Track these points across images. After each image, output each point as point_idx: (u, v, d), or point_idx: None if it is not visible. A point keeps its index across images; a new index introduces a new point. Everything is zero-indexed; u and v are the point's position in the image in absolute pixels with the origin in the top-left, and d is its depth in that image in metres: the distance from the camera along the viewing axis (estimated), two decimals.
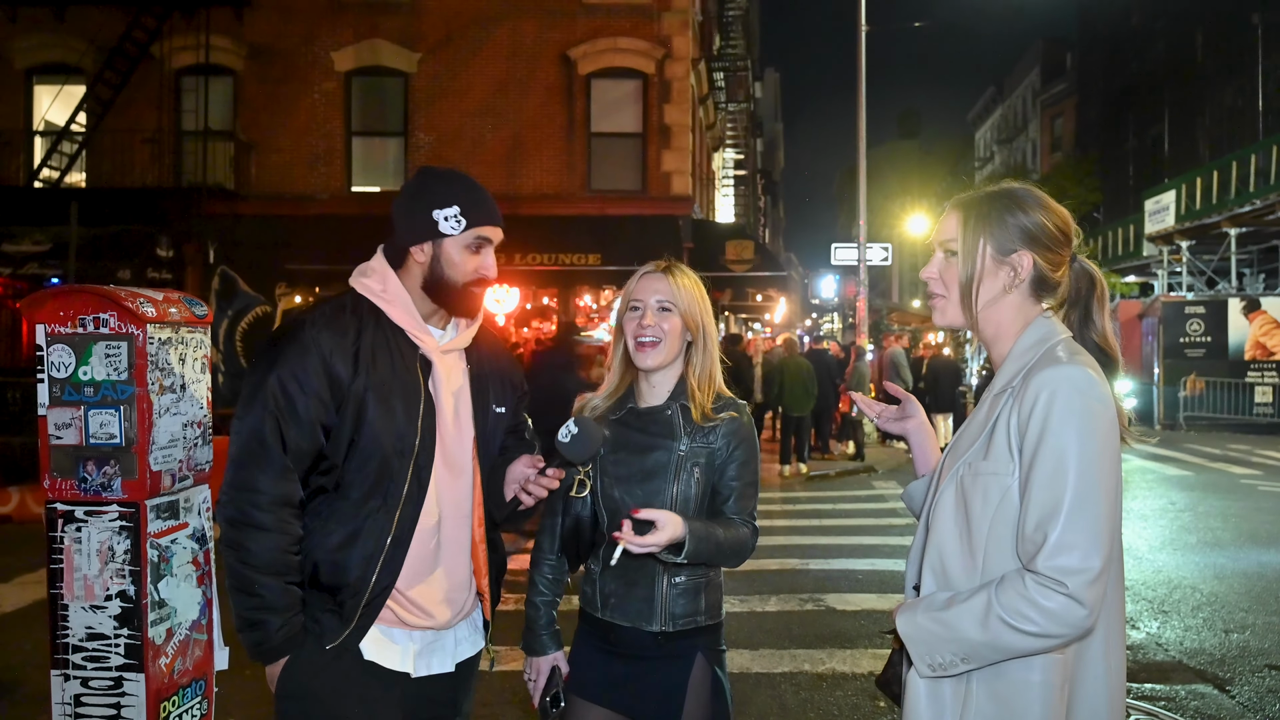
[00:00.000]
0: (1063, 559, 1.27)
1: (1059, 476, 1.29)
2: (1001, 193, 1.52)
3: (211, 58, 14.24)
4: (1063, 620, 1.26)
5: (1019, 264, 1.47)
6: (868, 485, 10.88)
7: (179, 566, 2.20)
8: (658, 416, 1.93)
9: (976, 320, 1.50)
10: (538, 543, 2.07)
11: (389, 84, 14.95)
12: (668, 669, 1.88)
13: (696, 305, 1.93)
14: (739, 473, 1.91)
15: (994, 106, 48.72)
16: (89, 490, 2.10)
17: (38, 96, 14.97)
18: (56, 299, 2.13)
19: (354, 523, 1.77)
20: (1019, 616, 1.27)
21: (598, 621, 1.94)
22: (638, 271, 1.99)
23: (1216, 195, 18.41)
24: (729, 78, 20.57)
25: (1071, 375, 1.34)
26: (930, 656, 1.37)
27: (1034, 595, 1.27)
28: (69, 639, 2.11)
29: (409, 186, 1.88)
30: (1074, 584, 1.25)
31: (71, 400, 2.10)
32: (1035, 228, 1.47)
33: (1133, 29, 30.37)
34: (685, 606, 1.88)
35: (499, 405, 1.97)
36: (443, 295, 1.84)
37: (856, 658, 4.72)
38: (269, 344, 1.80)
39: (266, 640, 1.73)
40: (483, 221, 1.85)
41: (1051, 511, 1.28)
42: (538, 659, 2.01)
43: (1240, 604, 5.65)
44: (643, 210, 14.52)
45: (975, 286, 1.48)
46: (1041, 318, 1.49)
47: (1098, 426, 1.31)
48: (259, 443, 1.72)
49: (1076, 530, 1.27)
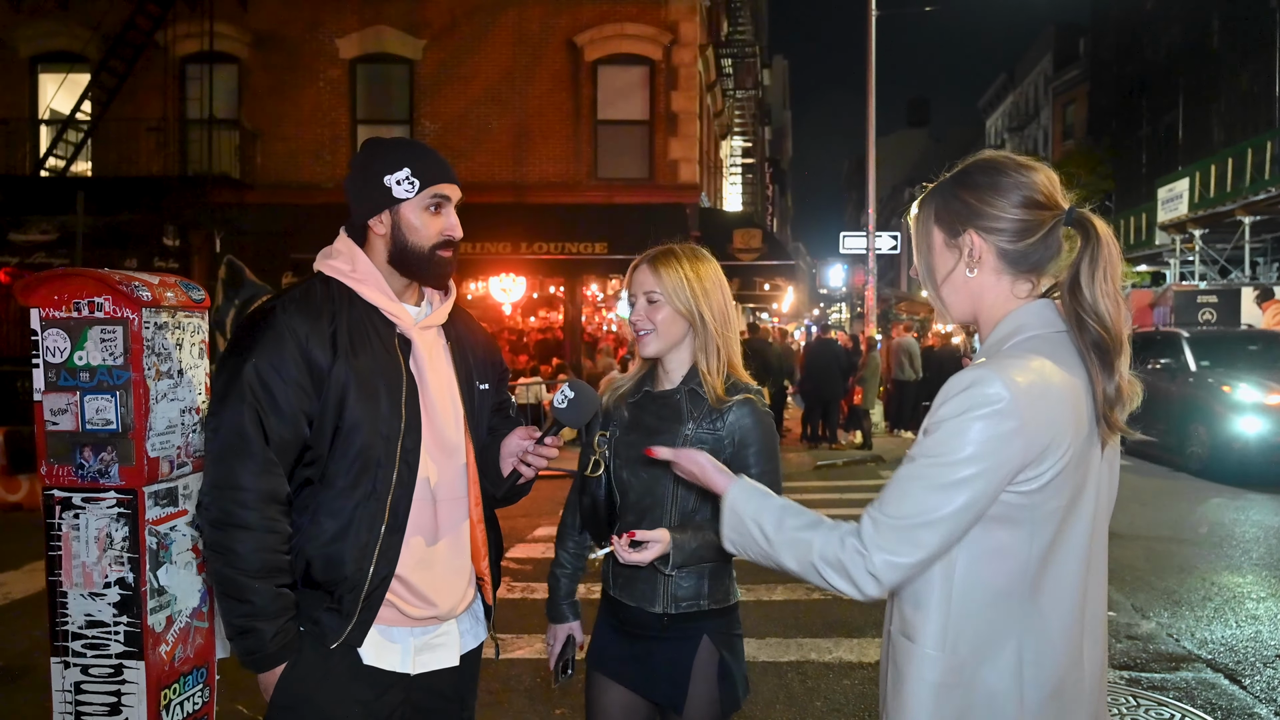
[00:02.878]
0: (878, 542, 1.25)
1: (907, 473, 1.25)
2: (952, 174, 1.40)
3: (216, 45, 14.20)
4: (857, 586, 1.26)
5: (966, 244, 1.34)
6: (875, 475, 10.84)
7: (178, 554, 2.17)
8: (668, 400, 1.94)
9: (949, 309, 1.41)
10: (563, 518, 2.13)
11: (394, 71, 14.88)
12: (674, 650, 1.89)
13: (687, 291, 1.91)
14: (756, 460, 1.88)
15: (1005, 94, 48.28)
16: (86, 477, 2.07)
17: (43, 85, 14.96)
18: (50, 283, 2.09)
19: (345, 514, 1.70)
20: (827, 566, 1.28)
21: (611, 599, 1.99)
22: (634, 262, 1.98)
23: (1231, 183, 18.20)
24: (737, 64, 20.43)
25: (976, 378, 1.22)
26: (739, 542, 1.41)
27: (848, 564, 1.26)
28: (68, 626, 2.09)
29: (356, 160, 1.81)
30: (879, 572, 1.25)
31: (67, 385, 2.07)
32: (981, 202, 1.32)
33: (1147, 14, 30.01)
34: (689, 590, 1.89)
35: (483, 382, 1.93)
36: (411, 264, 1.78)
37: (864, 647, 4.69)
38: (240, 333, 1.71)
39: (260, 648, 1.65)
40: (436, 179, 1.78)
41: (888, 498, 1.26)
42: (556, 626, 2.09)
43: (1253, 593, 5.59)
44: (650, 198, 14.44)
45: (935, 278, 1.40)
46: (1021, 308, 1.33)
47: (971, 431, 1.19)
48: (239, 437, 1.63)
49: (897, 524, 1.23)
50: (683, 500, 1.88)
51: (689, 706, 1.86)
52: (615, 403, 2.00)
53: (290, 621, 1.68)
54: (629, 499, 1.92)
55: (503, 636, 1.84)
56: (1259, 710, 3.90)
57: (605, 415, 2.00)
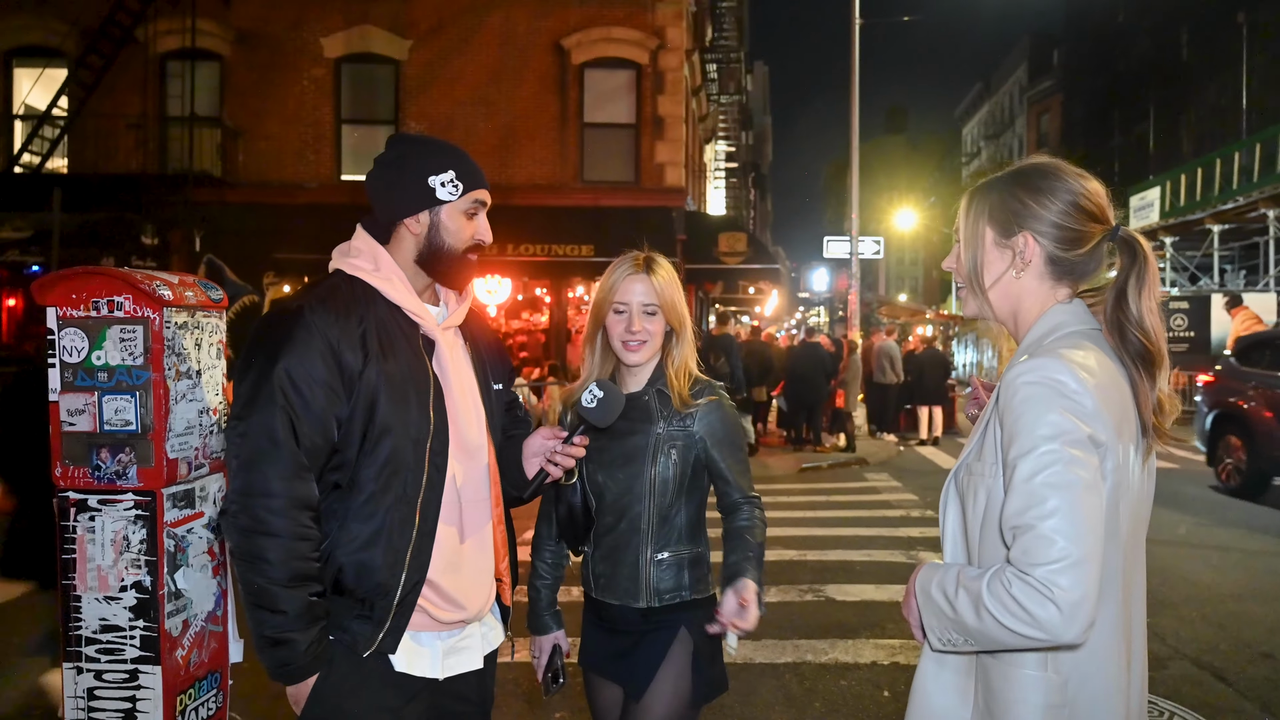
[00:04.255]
0: (1035, 554, 1.19)
1: (1027, 474, 1.22)
2: (1008, 172, 1.43)
3: (198, 42, 14.00)
4: (1039, 619, 1.17)
5: (1020, 245, 1.37)
6: (860, 477, 10.91)
7: (195, 557, 2.15)
8: (636, 402, 1.98)
9: (993, 309, 1.43)
10: (537, 530, 2.14)
11: (379, 71, 14.78)
12: (653, 642, 1.95)
13: (676, 299, 1.99)
14: (728, 453, 1.98)
15: (981, 102, 48.91)
16: (103, 478, 2.05)
17: (17, 80, 14.68)
18: (69, 281, 2.06)
19: (375, 519, 1.67)
20: (1001, 608, 1.21)
21: (593, 601, 2.04)
22: (617, 265, 2.00)
23: (1200, 192, 18.58)
24: (721, 70, 20.51)
25: (1039, 365, 1.25)
26: (941, 632, 1.33)
27: (1014, 590, 1.20)
28: (81, 631, 2.06)
29: (387, 157, 1.79)
30: (1046, 578, 1.18)
31: (85, 386, 2.04)
32: (1038, 204, 1.35)
33: (1119, 26, 30.56)
34: (670, 582, 1.95)
35: (497, 381, 1.92)
36: (440, 265, 1.77)
37: (859, 648, 4.73)
38: (265, 333, 1.66)
39: (293, 660, 1.60)
40: (478, 184, 1.79)
41: (1021, 509, 1.22)
42: (540, 638, 2.12)
43: (1236, 594, 5.70)
44: (635, 201, 14.46)
45: (979, 273, 1.41)
46: (1059, 305, 1.37)
47: (1060, 419, 1.22)
48: (270, 440, 1.59)
49: (1048, 525, 1.19)
50: (660, 496, 1.94)
51: (649, 695, 1.89)
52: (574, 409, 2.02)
53: (322, 631, 1.64)
54: (605, 500, 1.97)
55: None
56: (1245, 707, 3.98)
57: (571, 425, 2.01)
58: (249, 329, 1.74)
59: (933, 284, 55.63)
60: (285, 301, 1.73)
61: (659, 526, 1.94)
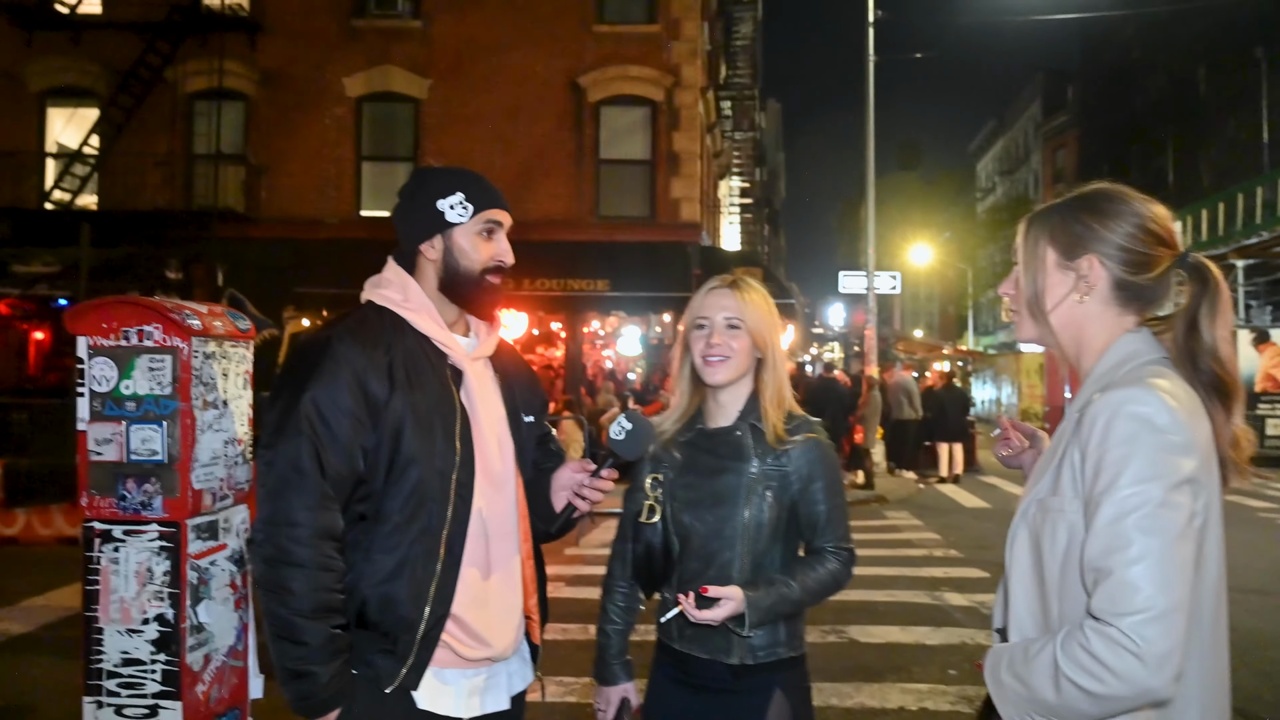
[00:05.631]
0: (1120, 603, 1.11)
1: (1113, 516, 1.16)
2: (1072, 196, 1.39)
3: (224, 82, 14.34)
4: (1124, 675, 1.09)
5: (1084, 269, 1.32)
6: (879, 515, 10.77)
7: (217, 589, 2.12)
8: (727, 438, 1.85)
9: (1054, 335, 1.38)
10: (610, 569, 2.00)
11: (399, 110, 15.05)
12: (745, 705, 1.78)
13: (765, 321, 1.85)
14: (824, 497, 1.82)
15: (995, 138, 49.12)
16: (128, 509, 2.04)
17: (51, 119, 15.05)
18: (99, 310, 2.07)
19: (399, 550, 1.64)
20: (1081, 672, 1.13)
21: (673, 651, 1.86)
22: (704, 286, 1.92)
23: (1223, 228, 18.48)
24: (735, 106, 20.76)
25: (1130, 397, 1.19)
26: (1020, 718, 1.23)
27: (1093, 646, 1.11)
28: (103, 664, 2.03)
29: (406, 188, 1.81)
30: (1132, 630, 1.10)
31: (113, 415, 2.04)
32: (1103, 226, 1.31)
33: (1135, 62, 30.70)
34: (765, 638, 1.79)
35: (527, 414, 1.89)
36: (461, 290, 1.76)
37: (885, 692, 4.61)
38: (294, 362, 1.67)
39: (315, 693, 1.58)
40: (489, 204, 1.78)
41: (1105, 552, 1.15)
42: (608, 689, 1.94)
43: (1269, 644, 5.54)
44: (651, 237, 14.54)
45: (1040, 298, 1.36)
46: (1131, 334, 1.31)
47: (1155, 456, 1.16)
48: (296, 470, 1.58)
49: (1133, 572, 1.12)
50: (754, 541, 1.80)
51: None
52: (664, 444, 1.91)
53: (345, 664, 1.62)
54: (691, 545, 1.83)
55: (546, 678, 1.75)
56: None
57: (654, 458, 1.91)
58: (269, 362, 1.74)
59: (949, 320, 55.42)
60: (314, 332, 1.74)
61: (751, 575, 1.78)
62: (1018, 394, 25.65)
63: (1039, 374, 23.54)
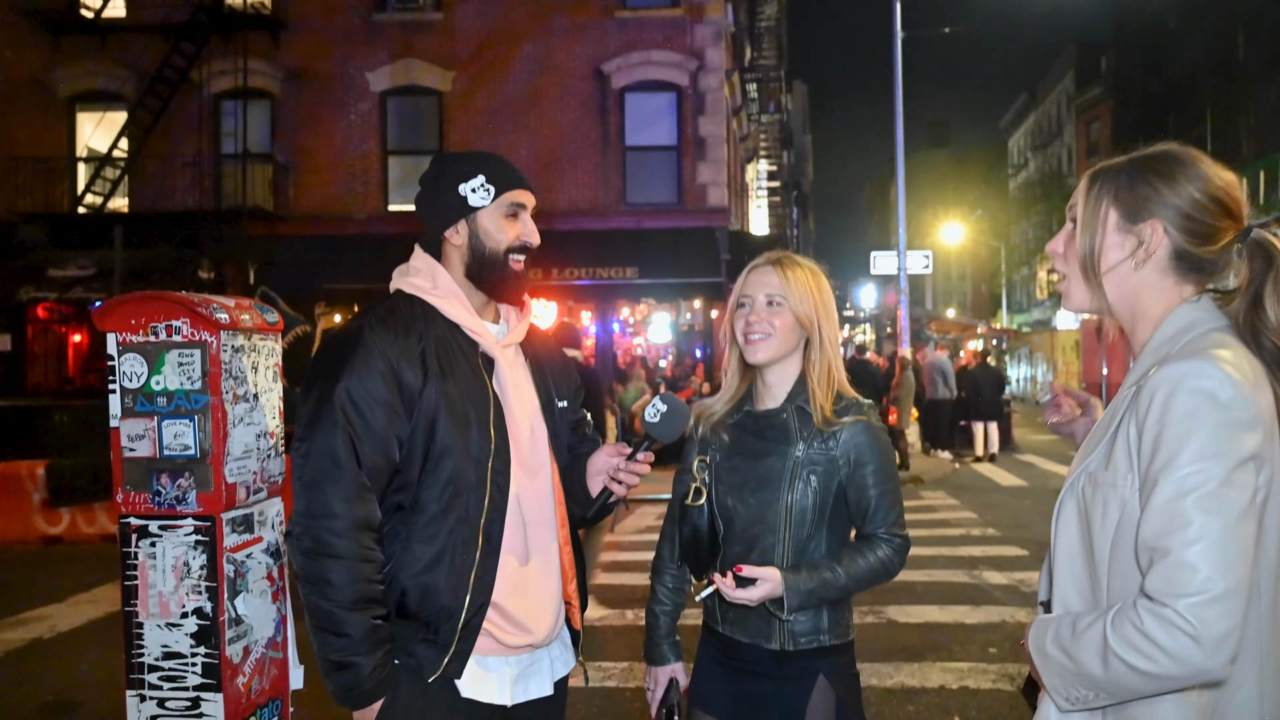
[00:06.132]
0: (1177, 584, 1.08)
1: (1171, 494, 1.11)
2: (1140, 156, 1.32)
3: (249, 81, 14.45)
4: (1178, 656, 1.07)
5: (1146, 234, 1.26)
6: (915, 495, 10.64)
7: (254, 582, 2.12)
8: (774, 420, 1.81)
9: (1107, 303, 1.31)
10: (659, 551, 1.99)
11: (423, 103, 15.07)
12: (787, 690, 1.75)
13: (811, 299, 1.79)
14: (874, 481, 1.76)
15: (1027, 113, 48.12)
16: (163, 504, 2.03)
17: (80, 124, 15.29)
18: (127, 305, 2.07)
19: (438, 540, 1.64)
20: (1132, 651, 1.10)
21: (718, 634, 1.85)
22: (749, 264, 1.87)
23: (1264, 196, 17.93)
24: (761, 89, 20.52)
25: (1191, 370, 1.14)
26: (1065, 690, 1.20)
27: (1147, 626, 1.09)
28: (144, 658, 2.04)
29: (427, 175, 1.79)
30: (1189, 612, 1.07)
31: (144, 411, 2.04)
32: (1171, 192, 1.25)
33: (1170, 30, 29.87)
34: (807, 624, 1.75)
35: (561, 399, 1.87)
36: (486, 274, 1.74)
37: (925, 671, 4.55)
38: (327, 354, 1.66)
39: (358, 684, 1.58)
40: (512, 185, 1.75)
41: (1162, 531, 1.10)
42: (657, 669, 1.93)
43: None
44: (679, 223, 14.45)
45: (1095, 260, 1.29)
46: (1188, 304, 1.26)
47: (1217, 433, 1.11)
48: (332, 462, 1.58)
49: (1192, 552, 1.08)
50: (797, 527, 1.75)
51: None
52: (712, 427, 1.88)
53: (387, 655, 1.61)
54: (735, 528, 1.80)
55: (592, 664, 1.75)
56: None
57: (702, 440, 1.88)
58: (301, 359, 1.74)
59: (981, 298, 54.61)
60: (346, 322, 1.73)
61: (794, 560, 1.74)
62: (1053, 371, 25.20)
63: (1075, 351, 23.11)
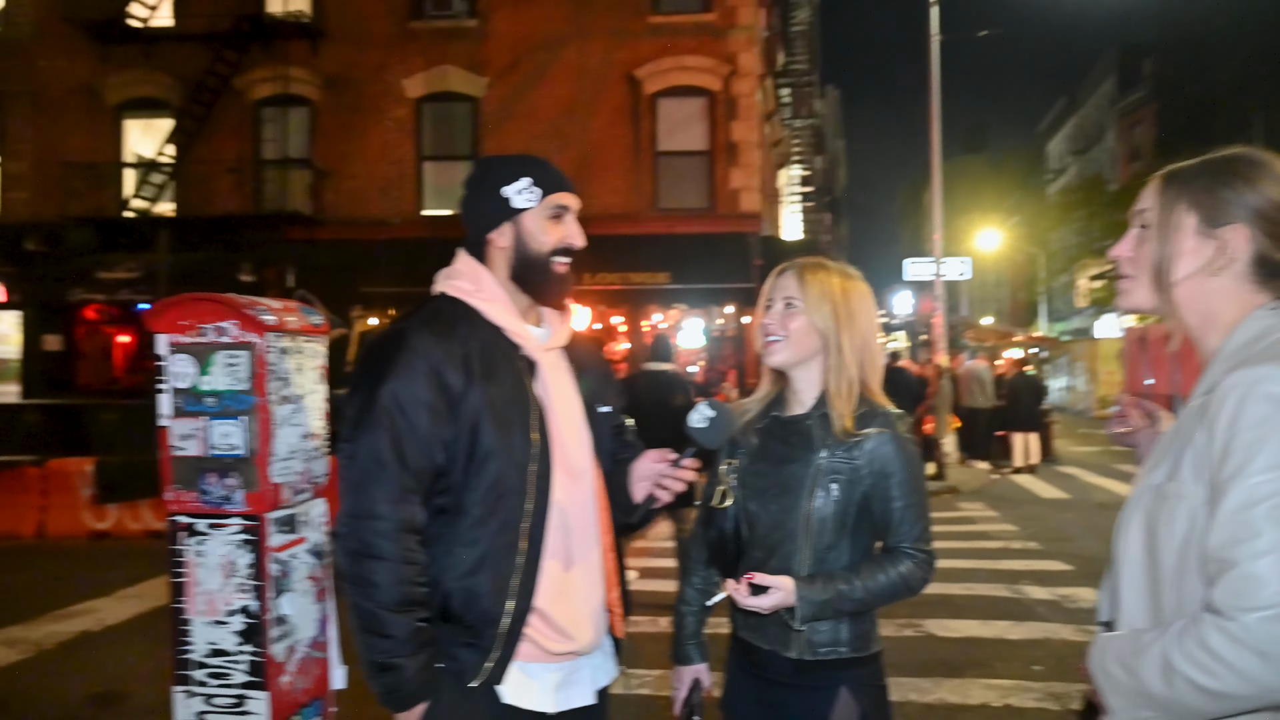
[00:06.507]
0: (1244, 597, 1.03)
1: (1241, 503, 1.06)
2: (1215, 159, 1.27)
3: (289, 88, 14.73)
4: (1244, 673, 1.02)
5: (1229, 239, 1.21)
6: (953, 506, 10.48)
7: (298, 581, 2.14)
8: (799, 426, 1.79)
9: (1175, 306, 1.26)
10: (690, 552, 1.98)
11: (458, 109, 15.23)
12: (809, 701, 1.73)
13: (829, 305, 1.77)
14: (899, 492, 1.72)
15: (1066, 117, 47.32)
16: (211, 503, 2.07)
17: (128, 130, 15.68)
18: (177, 307, 2.11)
19: (481, 544, 1.63)
20: (1196, 667, 1.05)
21: (741, 641, 1.85)
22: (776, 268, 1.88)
23: None
24: (794, 93, 20.43)
25: (1266, 375, 1.09)
26: (1128, 712, 1.15)
27: (1212, 641, 1.03)
28: (191, 654, 2.07)
29: (471, 179, 1.79)
30: (1257, 627, 1.02)
31: (193, 411, 2.07)
32: (1255, 197, 1.20)
33: (1216, 30, 29.24)
34: (826, 635, 1.73)
35: (602, 404, 1.86)
36: (530, 276, 1.74)
37: (966, 687, 4.46)
38: (372, 355, 1.67)
39: (401, 686, 1.58)
40: (557, 188, 1.76)
41: (1229, 542, 1.06)
42: (681, 669, 1.92)
43: None
44: (711, 228, 14.42)
45: (1168, 265, 1.24)
46: (1264, 309, 1.21)
47: None
48: (377, 464, 1.58)
49: (1261, 564, 1.03)
50: (817, 535, 1.73)
51: None
52: (743, 429, 1.87)
53: (430, 657, 1.61)
54: (757, 533, 1.78)
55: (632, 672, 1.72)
56: None
57: (732, 443, 1.86)
58: (338, 361, 1.74)
59: (1019, 306, 53.74)
60: (390, 324, 1.73)
61: (814, 569, 1.71)
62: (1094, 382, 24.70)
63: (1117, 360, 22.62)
